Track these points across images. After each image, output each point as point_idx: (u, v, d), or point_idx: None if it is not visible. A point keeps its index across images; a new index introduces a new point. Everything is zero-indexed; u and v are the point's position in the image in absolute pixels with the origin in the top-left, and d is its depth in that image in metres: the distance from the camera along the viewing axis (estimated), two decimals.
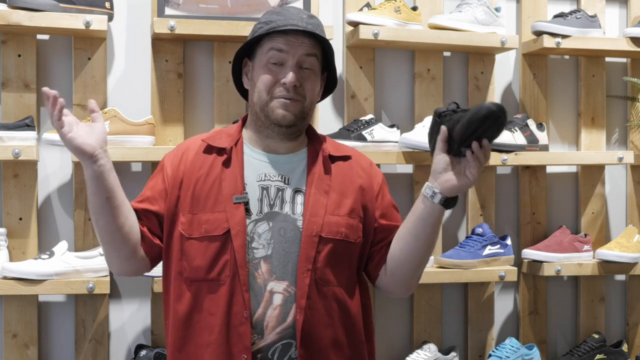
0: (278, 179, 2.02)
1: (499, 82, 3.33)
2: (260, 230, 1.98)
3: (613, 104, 3.46)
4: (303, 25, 1.98)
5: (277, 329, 1.94)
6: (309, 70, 2.01)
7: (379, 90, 3.19)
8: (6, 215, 2.83)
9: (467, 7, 3.12)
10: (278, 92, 1.99)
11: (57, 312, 2.91)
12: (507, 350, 3.07)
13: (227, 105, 2.99)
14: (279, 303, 1.94)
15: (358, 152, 2.17)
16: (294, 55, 1.98)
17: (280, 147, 2.06)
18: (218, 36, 2.89)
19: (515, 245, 3.28)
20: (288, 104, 1.99)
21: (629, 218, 3.47)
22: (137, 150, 2.77)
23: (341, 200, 2.02)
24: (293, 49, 1.98)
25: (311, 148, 2.08)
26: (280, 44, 1.99)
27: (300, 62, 1.99)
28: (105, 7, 2.79)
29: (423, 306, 3.18)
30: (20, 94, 2.84)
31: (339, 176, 2.05)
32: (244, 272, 1.94)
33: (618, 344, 3.33)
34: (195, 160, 2.05)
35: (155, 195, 2.06)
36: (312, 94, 2.03)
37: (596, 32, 3.26)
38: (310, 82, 2.02)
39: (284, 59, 1.99)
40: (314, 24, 2.02)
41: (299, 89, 1.99)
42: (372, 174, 2.12)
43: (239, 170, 2.01)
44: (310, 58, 2.01)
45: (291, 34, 1.98)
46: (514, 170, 3.34)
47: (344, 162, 2.09)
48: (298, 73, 1.99)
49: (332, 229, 1.99)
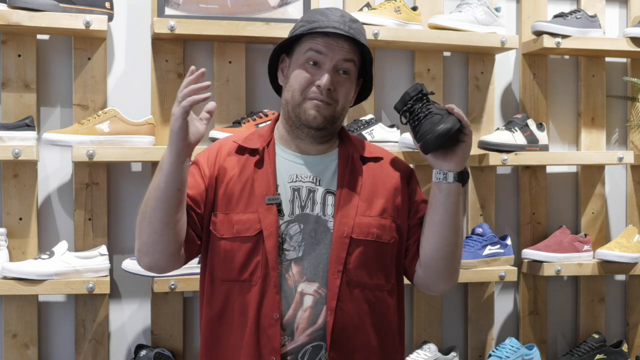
0: (309, 180, 2.01)
1: (499, 82, 3.33)
2: (292, 232, 1.97)
3: (613, 104, 3.46)
4: (345, 29, 1.97)
5: (308, 330, 1.93)
6: (345, 75, 1.99)
7: (379, 90, 3.19)
8: (6, 215, 2.83)
9: (467, 7, 3.12)
10: (311, 94, 1.97)
11: (57, 312, 2.91)
12: (507, 350, 3.07)
13: (227, 105, 2.99)
14: (310, 305, 1.93)
15: (389, 153, 2.15)
16: (331, 59, 1.97)
17: (311, 149, 2.04)
18: (218, 36, 2.89)
19: (515, 245, 3.28)
20: (320, 106, 1.97)
21: (629, 218, 3.47)
22: (137, 150, 2.77)
23: (372, 201, 2.01)
24: (332, 52, 1.97)
25: (342, 149, 2.07)
26: (320, 45, 1.97)
27: (338, 66, 1.98)
28: (105, 7, 2.79)
29: (423, 306, 3.18)
30: (20, 94, 2.84)
31: (370, 177, 2.04)
32: (275, 273, 1.93)
33: (618, 344, 3.33)
34: (228, 161, 2.04)
35: (196, 194, 2.02)
36: (345, 99, 2.01)
37: (596, 32, 3.26)
38: (344, 87, 2.00)
39: (321, 61, 1.97)
40: (356, 29, 2.01)
41: (332, 93, 1.97)
42: (404, 173, 2.10)
43: (271, 171, 2.00)
44: (348, 63, 1.99)
45: (332, 37, 1.97)
46: (514, 170, 3.34)
47: (376, 163, 2.08)
48: (334, 77, 1.97)
49: (363, 230, 1.97)
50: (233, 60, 3.00)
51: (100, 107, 2.89)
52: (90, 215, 2.88)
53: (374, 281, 2.00)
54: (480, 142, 3.12)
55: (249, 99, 3.04)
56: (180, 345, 2.95)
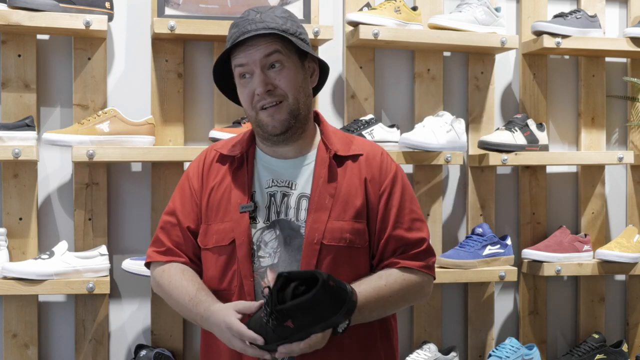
0: (285, 185, 1.99)
1: (499, 82, 3.33)
2: (267, 239, 1.96)
3: (613, 104, 3.46)
4: (254, 27, 1.92)
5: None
6: (278, 66, 1.94)
7: (379, 90, 3.19)
8: (6, 215, 2.83)
9: (467, 7, 3.12)
10: (258, 104, 1.95)
11: (57, 312, 2.91)
12: (507, 350, 3.07)
13: (227, 105, 2.99)
14: None
15: (372, 147, 2.07)
16: (254, 63, 1.93)
17: (287, 151, 2.02)
18: (218, 36, 2.89)
19: (515, 245, 3.28)
20: (272, 111, 1.94)
21: (629, 218, 3.47)
22: (137, 150, 2.77)
23: (347, 204, 1.96)
24: (252, 58, 1.93)
25: (321, 148, 2.02)
26: (240, 58, 1.94)
27: (264, 65, 1.93)
28: (105, 7, 2.79)
29: (423, 306, 3.18)
30: (20, 94, 2.84)
31: (346, 178, 1.99)
32: (248, 282, 1.93)
33: (618, 344, 3.33)
34: (211, 171, 2.05)
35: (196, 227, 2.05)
36: (292, 87, 1.95)
37: (596, 32, 3.26)
38: (283, 77, 1.94)
39: (249, 71, 1.94)
40: (269, 18, 1.94)
41: (275, 91, 1.94)
42: (382, 170, 2.02)
43: (247, 178, 2.00)
44: (273, 56, 1.93)
45: (247, 43, 1.93)
46: (514, 170, 3.34)
47: (354, 162, 2.01)
48: (266, 76, 1.93)
49: (336, 236, 1.93)
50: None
51: (100, 107, 2.89)
52: (90, 215, 2.88)
53: None
54: (480, 142, 3.12)
55: None
56: (180, 345, 2.95)
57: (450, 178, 3.27)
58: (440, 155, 3.00)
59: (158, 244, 2.08)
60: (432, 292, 2.10)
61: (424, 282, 2.02)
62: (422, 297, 2.07)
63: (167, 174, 2.93)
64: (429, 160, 3.00)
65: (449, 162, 3.02)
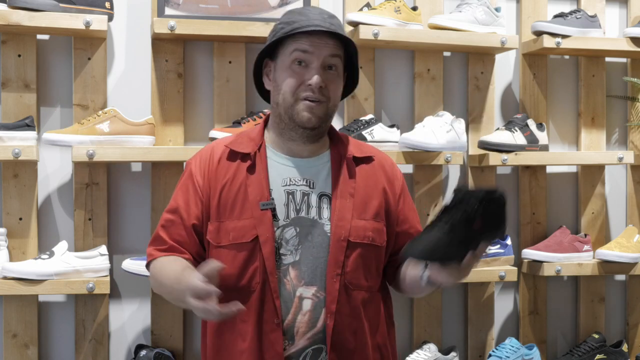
0: (303, 183, 2.01)
1: (499, 82, 3.33)
2: (287, 236, 1.97)
3: (613, 104, 3.46)
4: (326, 25, 1.96)
5: (308, 334, 1.95)
6: (334, 71, 1.99)
7: (379, 90, 3.19)
8: (6, 215, 2.83)
9: (467, 7, 3.12)
10: (303, 94, 1.96)
11: (57, 312, 2.91)
12: (507, 350, 3.07)
13: (227, 105, 2.99)
14: (309, 308, 1.95)
15: (380, 153, 2.15)
16: (318, 57, 1.96)
17: (303, 150, 2.04)
18: (218, 36, 2.89)
19: (515, 245, 3.28)
20: (313, 106, 1.97)
21: (629, 218, 3.47)
22: (137, 150, 2.77)
23: (367, 204, 2.02)
24: (318, 50, 1.96)
25: (334, 150, 2.07)
26: (305, 45, 1.96)
27: (325, 63, 1.97)
28: (105, 7, 2.79)
29: (423, 306, 3.18)
30: (20, 94, 2.84)
31: (363, 179, 2.04)
32: (274, 279, 1.94)
33: (618, 344, 3.33)
34: (221, 168, 2.04)
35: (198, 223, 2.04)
36: (335, 95, 2.01)
37: (596, 32, 3.26)
38: (334, 83, 2.00)
39: (308, 60, 1.96)
40: (337, 25, 2.00)
41: (324, 90, 1.97)
42: (394, 176, 2.12)
43: (264, 175, 2.00)
44: (335, 59, 1.99)
45: (315, 35, 1.96)
46: (514, 170, 3.34)
47: (367, 165, 2.08)
48: (323, 74, 1.97)
49: (360, 233, 1.98)
50: (233, 60, 3.00)
51: (100, 107, 2.89)
52: (90, 215, 2.88)
53: (369, 283, 2.02)
54: (480, 142, 3.12)
55: (248, 99, 3.03)
56: (180, 345, 2.95)
57: (450, 178, 3.27)
58: (440, 155, 3.00)
59: (159, 242, 2.07)
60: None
61: None
62: None
63: (167, 174, 2.93)
64: (429, 160, 3.00)
65: (449, 162, 3.02)
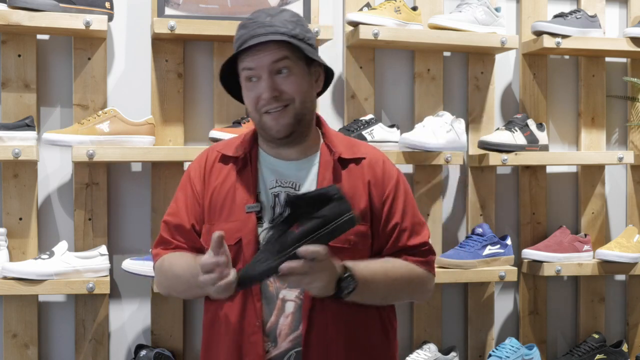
0: (289, 186, 2.00)
1: (499, 82, 3.33)
2: None
3: (613, 104, 3.46)
4: (263, 31, 1.92)
5: (290, 336, 1.93)
6: (285, 73, 1.94)
7: (379, 90, 3.19)
8: (6, 215, 2.83)
9: (467, 7, 3.12)
10: (263, 108, 1.95)
11: (57, 312, 2.91)
12: (507, 350, 3.07)
13: (227, 105, 2.99)
14: (291, 311, 1.94)
15: (374, 152, 2.09)
16: (263, 69, 1.93)
17: (291, 153, 2.02)
18: (218, 36, 2.89)
19: (515, 245, 3.28)
20: (277, 116, 1.94)
21: (629, 218, 3.47)
22: (137, 150, 2.77)
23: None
24: (260, 63, 1.93)
25: (324, 151, 2.04)
26: (248, 62, 1.94)
27: (272, 70, 1.93)
28: (105, 7, 2.79)
29: (423, 306, 3.18)
30: (20, 94, 2.84)
31: (349, 181, 2.00)
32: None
33: (618, 344, 3.33)
34: (213, 171, 2.05)
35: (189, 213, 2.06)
36: (299, 93, 1.95)
37: (596, 32, 3.26)
38: (291, 83, 1.95)
39: (256, 75, 1.94)
40: (280, 23, 1.94)
41: (281, 96, 1.94)
42: (384, 176, 2.04)
43: (252, 178, 2.00)
44: (281, 62, 1.94)
45: (256, 47, 1.92)
46: (514, 170, 3.34)
47: (357, 165, 2.03)
48: (273, 82, 1.93)
49: (341, 237, 1.91)
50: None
51: (100, 107, 2.89)
52: (90, 215, 2.88)
53: None
54: (480, 142, 3.12)
55: None
56: (180, 345, 2.95)
57: (450, 178, 3.27)
58: (440, 155, 3.00)
59: (164, 243, 2.09)
60: (433, 291, 2.14)
61: (425, 277, 2.07)
62: (424, 293, 2.12)
63: (167, 174, 2.93)
64: (429, 160, 3.00)
65: (449, 162, 3.02)
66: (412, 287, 2.06)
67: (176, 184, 2.91)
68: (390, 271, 1.99)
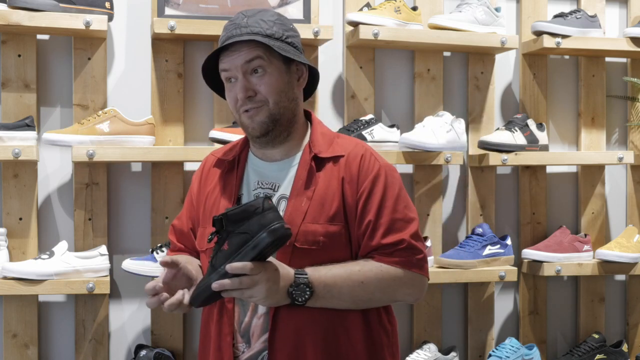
0: (268, 187, 2.00)
1: (499, 82, 3.33)
2: None
3: (613, 104, 3.46)
4: (237, 32, 1.93)
5: (262, 337, 1.93)
6: (260, 72, 1.94)
7: (379, 90, 3.19)
8: (6, 215, 2.83)
9: (467, 7, 3.12)
10: (241, 108, 1.97)
11: (57, 312, 2.91)
12: (507, 350, 3.07)
13: (227, 106, 2.97)
14: (263, 312, 1.93)
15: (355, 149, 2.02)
16: (237, 69, 1.94)
17: (275, 154, 2.03)
18: (218, 36, 2.87)
19: (515, 245, 3.28)
20: (252, 114, 1.96)
21: (629, 218, 3.47)
22: (137, 150, 2.77)
23: (324, 206, 1.94)
24: (234, 64, 1.94)
25: (306, 151, 2.02)
26: (225, 64, 1.96)
27: (246, 70, 1.94)
28: (105, 7, 2.79)
29: (423, 306, 3.18)
30: (20, 94, 2.84)
31: (325, 179, 1.97)
32: None
33: (618, 344, 3.33)
34: (209, 176, 2.10)
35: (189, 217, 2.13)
36: (274, 92, 1.95)
37: (596, 32, 3.26)
38: (264, 83, 1.94)
39: (232, 76, 1.96)
40: (255, 23, 1.94)
41: (256, 97, 1.95)
42: (360, 173, 1.98)
43: (236, 181, 2.03)
44: (253, 62, 1.93)
45: (231, 48, 1.94)
46: (514, 170, 3.34)
47: (334, 164, 1.99)
48: (248, 81, 1.94)
49: (309, 238, 1.91)
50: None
51: (100, 107, 2.89)
52: (90, 215, 2.88)
53: None
54: (480, 142, 3.12)
55: None
56: (180, 345, 2.95)
57: (450, 178, 3.27)
58: (440, 155, 3.00)
59: (171, 245, 2.18)
60: (424, 291, 2.02)
61: (406, 278, 1.96)
62: (408, 295, 2.00)
63: (167, 174, 2.94)
64: (429, 160, 3.00)
65: (449, 162, 3.02)
66: (386, 289, 1.95)
67: (176, 184, 2.94)
68: (355, 274, 1.91)
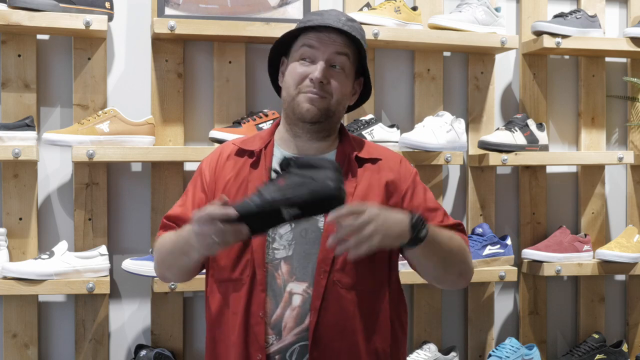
0: None
1: (499, 82, 3.33)
2: (282, 231, 1.96)
3: (613, 104, 3.46)
4: (339, 25, 1.98)
5: (295, 330, 1.93)
6: (339, 69, 2.00)
7: (379, 90, 3.19)
8: (6, 215, 2.83)
9: (467, 7, 3.12)
10: (305, 87, 1.98)
11: (57, 312, 2.91)
12: (507, 350, 3.07)
13: (227, 105, 2.99)
14: (298, 304, 1.93)
15: (389, 153, 2.13)
16: (324, 52, 1.98)
17: (309, 148, 2.04)
18: (218, 36, 2.89)
19: (515, 245, 3.28)
20: (314, 98, 1.97)
21: (629, 218, 3.47)
22: (137, 150, 2.77)
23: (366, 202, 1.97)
24: (324, 46, 1.98)
25: (340, 149, 2.06)
26: (312, 40, 1.99)
27: (331, 60, 1.98)
28: (105, 7, 2.79)
29: (423, 306, 3.18)
30: (20, 94, 2.84)
31: (365, 178, 2.03)
32: (261, 271, 1.94)
33: (618, 344, 3.33)
34: (227, 165, 2.07)
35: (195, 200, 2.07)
36: (339, 93, 2.00)
37: (596, 32, 3.26)
38: (338, 81, 1.99)
39: (314, 56, 1.98)
40: (352, 27, 2.01)
41: (326, 86, 1.98)
42: (402, 173, 2.08)
43: (265, 172, 2.01)
44: (341, 57, 1.99)
45: (324, 32, 1.98)
46: (514, 170, 3.34)
47: (373, 165, 2.06)
48: (327, 71, 1.98)
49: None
50: (233, 60, 3.00)
51: (100, 107, 2.89)
52: (90, 215, 2.88)
53: (363, 283, 1.97)
54: (480, 142, 3.12)
55: (249, 99, 3.04)
56: (180, 345, 2.95)
57: (450, 178, 3.27)
58: (440, 155, 3.00)
59: (165, 227, 2.10)
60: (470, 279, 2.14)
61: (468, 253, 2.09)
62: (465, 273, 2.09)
63: (167, 174, 2.94)
64: (429, 160, 3.00)
65: (449, 162, 3.02)
66: (464, 259, 2.07)
67: (176, 184, 2.94)
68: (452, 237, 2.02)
